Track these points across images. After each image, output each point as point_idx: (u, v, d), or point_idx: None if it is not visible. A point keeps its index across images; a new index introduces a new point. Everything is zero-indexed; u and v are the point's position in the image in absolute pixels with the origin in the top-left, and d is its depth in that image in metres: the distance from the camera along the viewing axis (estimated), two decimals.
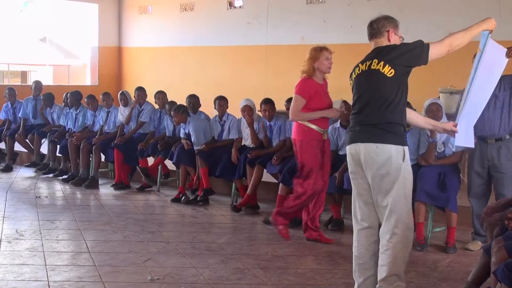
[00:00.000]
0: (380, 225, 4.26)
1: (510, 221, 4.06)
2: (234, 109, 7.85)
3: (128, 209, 7.55)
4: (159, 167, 8.49)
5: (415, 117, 4.47)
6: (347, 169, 6.45)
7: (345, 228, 6.61)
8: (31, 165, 10.03)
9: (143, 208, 7.72)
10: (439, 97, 7.06)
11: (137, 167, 8.49)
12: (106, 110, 9.10)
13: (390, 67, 4.14)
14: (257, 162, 7.27)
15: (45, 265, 5.26)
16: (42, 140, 10.02)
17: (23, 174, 9.75)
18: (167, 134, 8.48)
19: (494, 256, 3.84)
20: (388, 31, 4.39)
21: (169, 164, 8.53)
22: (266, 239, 6.33)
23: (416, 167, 6.09)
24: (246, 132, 7.68)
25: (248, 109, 7.51)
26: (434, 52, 4.26)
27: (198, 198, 7.76)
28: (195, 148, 7.78)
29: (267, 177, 7.44)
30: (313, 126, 5.93)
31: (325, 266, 5.39)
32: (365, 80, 4.26)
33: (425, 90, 7.79)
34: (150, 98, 8.94)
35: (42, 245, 5.86)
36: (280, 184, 6.89)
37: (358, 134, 4.24)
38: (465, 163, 6.64)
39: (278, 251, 5.79)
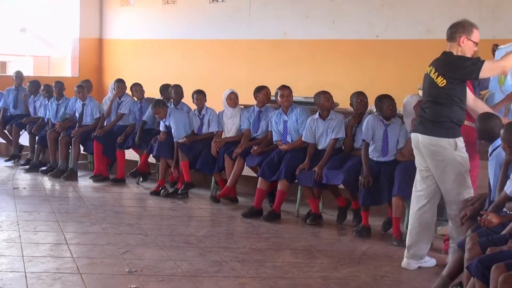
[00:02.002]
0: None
1: (483, 218, 4.12)
2: (216, 103, 7.84)
3: (107, 201, 7.53)
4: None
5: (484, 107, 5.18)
6: (326, 163, 6.52)
7: (323, 223, 6.65)
8: (11, 158, 9.92)
9: (122, 201, 7.70)
10: (418, 93, 7.11)
11: (129, 173, 8.42)
12: (81, 102, 9.00)
13: (442, 79, 4.82)
14: (239, 155, 7.27)
15: (22, 256, 5.23)
16: (21, 132, 9.94)
17: (1, 165, 9.67)
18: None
19: (468, 252, 3.90)
20: (460, 37, 4.89)
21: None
22: (244, 232, 6.35)
23: (392, 165, 6.14)
24: (228, 124, 7.67)
25: (234, 96, 7.51)
26: (487, 71, 4.81)
27: (179, 191, 7.75)
28: (175, 140, 7.77)
29: (246, 170, 7.46)
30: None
31: (303, 260, 5.43)
32: (426, 83, 5.01)
33: (405, 86, 7.86)
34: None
35: (20, 236, 5.83)
36: (259, 178, 6.91)
37: (418, 125, 5.03)
38: None
39: (256, 245, 5.82)
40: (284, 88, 7.04)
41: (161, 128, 7.98)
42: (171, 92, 8.22)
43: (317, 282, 4.86)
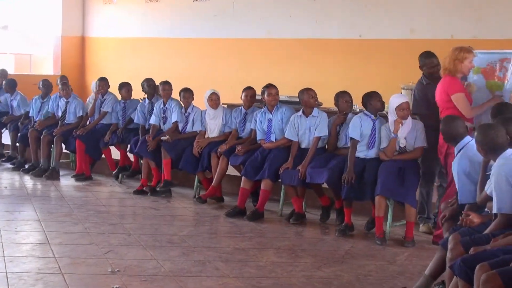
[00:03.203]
0: None
1: (466, 217, 4.14)
2: (200, 102, 7.82)
3: (89, 200, 7.48)
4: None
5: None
6: (310, 163, 6.53)
7: (307, 222, 6.66)
8: None
9: (104, 200, 7.65)
10: (401, 92, 7.15)
11: (113, 175, 8.32)
12: (65, 100, 8.93)
13: None
14: (223, 153, 7.26)
15: (3, 256, 5.18)
16: (2, 130, 9.84)
17: None
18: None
19: (450, 252, 3.91)
20: None
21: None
22: (227, 232, 6.34)
23: (376, 163, 6.18)
24: (211, 125, 7.65)
25: (215, 97, 7.50)
26: None
27: (158, 189, 7.71)
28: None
29: (230, 169, 7.44)
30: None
31: (286, 259, 5.43)
32: None
33: (388, 86, 7.88)
34: (114, 89, 8.84)
35: (1, 236, 5.77)
36: (243, 177, 6.90)
37: None
38: None
39: (240, 244, 5.81)
40: (272, 87, 7.03)
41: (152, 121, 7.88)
42: (144, 86, 8.22)
43: (301, 281, 4.86)
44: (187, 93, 7.83)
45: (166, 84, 7.97)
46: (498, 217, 3.92)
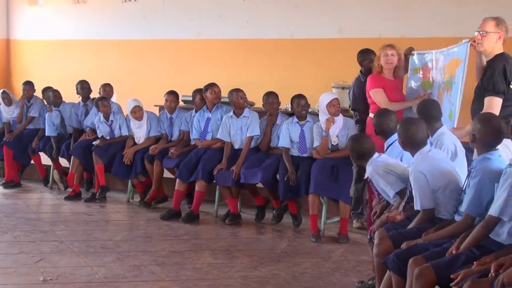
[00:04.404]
0: None
1: (389, 213, 4.22)
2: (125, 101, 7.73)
3: (18, 208, 7.26)
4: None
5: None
6: (244, 162, 6.54)
7: (242, 222, 6.66)
8: None
9: (35, 207, 7.46)
10: (332, 91, 7.23)
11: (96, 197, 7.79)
12: None
13: None
14: (156, 158, 7.19)
15: None
16: None
17: None
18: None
19: (376, 247, 3.95)
20: None
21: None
22: (163, 235, 6.27)
23: (310, 160, 6.24)
24: (136, 133, 7.51)
25: (138, 109, 7.40)
26: None
27: (97, 196, 7.56)
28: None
29: (165, 172, 7.37)
30: None
31: (222, 260, 5.41)
32: None
33: (319, 84, 7.96)
34: (40, 93, 8.62)
35: None
36: (177, 180, 6.85)
37: None
38: None
39: (175, 247, 5.76)
40: (215, 85, 7.01)
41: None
42: (78, 89, 8.09)
43: (238, 282, 4.86)
44: (105, 101, 7.63)
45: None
46: (421, 213, 3.98)
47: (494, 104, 4.68)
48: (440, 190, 3.95)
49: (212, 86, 7.01)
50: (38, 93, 8.59)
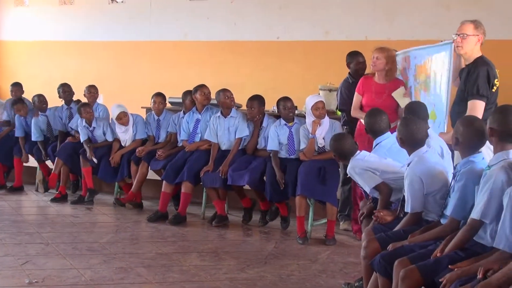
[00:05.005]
0: None
1: (379, 214, 4.24)
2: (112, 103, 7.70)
3: (4, 210, 7.21)
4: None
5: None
6: (232, 162, 6.55)
7: (229, 224, 6.66)
8: None
9: (20, 209, 7.43)
10: (319, 93, 7.26)
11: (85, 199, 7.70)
12: None
13: None
14: (142, 159, 7.18)
15: None
16: None
17: None
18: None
19: (364, 249, 3.97)
20: None
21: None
22: (149, 237, 6.26)
23: (298, 162, 6.26)
24: (122, 137, 7.48)
25: (123, 115, 7.38)
26: None
27: (85, 199, 7.53)
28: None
29: (151, 174, 7.36)
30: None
31: (209, 262, 5.41)
32: None
33: (305, 86, 7.99)
34: (27, 94, 8.58)
35: None
36: (164, 182, 6.84)
37: None
38: None
39: (162, 249, 5.75)
40: (205, 87, 7.02)
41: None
42: (60, 92, 8.07)
43: (225, 284, 4.86)
44: (87, 107, 7.61)
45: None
46: (409, 215, 4.00)
47: (477, 108, 4.71)
48: (432, 194, 3.97)
49: (201, 87, 7.02)
50: (26, 95, 8.56)
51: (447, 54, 5.14)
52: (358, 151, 4.68)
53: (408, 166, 4.12)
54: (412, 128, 4.13)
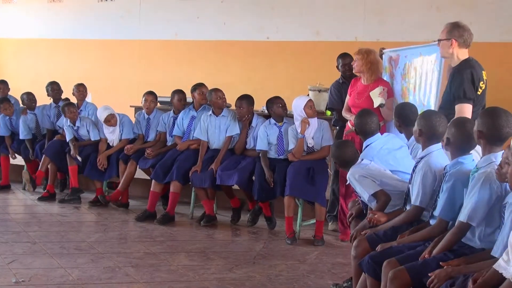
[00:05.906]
0: None
1: (371, 217, 4.23)
2: (103, 103, 7.66)
3: None
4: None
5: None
6: (220, 164, 6.54)
7: (218, 224, 6.65)
8: None
9: (7, 208, 7.37)
10: (308, 94, 7.26)
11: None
12: None
13: None
14: (131, 158, 7.15)
15: None
16: None
17: None
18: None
19: (354, 249, 3.96)
20: None
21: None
22: (137, 236, 6.23)
23: (287, 162, 6.25)
24: (109, 137, 7.45)
25: (111, 117, 7.34)
26: None
27: (66, 197, 7.49)
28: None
29: (140, 173, 7.34)
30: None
31: (198, 262, 5.40)
32: None
33: (295, 87, 8.00)
34: (14, 93, 8.52)
35: None
36: (152, 181, 6.82)
37: None
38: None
39: (150, 248, 5.73)
40: (204, 86, 7.00)
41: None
42: (48, 90, 8.03)
43: (213, 284, 4.85)
44: (71, 107, 7.57)
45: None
46: (413, 208, 3.93)
47: (465, 111, 4.71)
48: (436, 193, 3.94)
49: (200, 86, 7.01)
50: (13, 93, 8.51)
51: (438, 55, 5.14)
52: (360, 159, 4.59)
53: (421, 159, 3.99)
54: (434, 120, 4.01)
